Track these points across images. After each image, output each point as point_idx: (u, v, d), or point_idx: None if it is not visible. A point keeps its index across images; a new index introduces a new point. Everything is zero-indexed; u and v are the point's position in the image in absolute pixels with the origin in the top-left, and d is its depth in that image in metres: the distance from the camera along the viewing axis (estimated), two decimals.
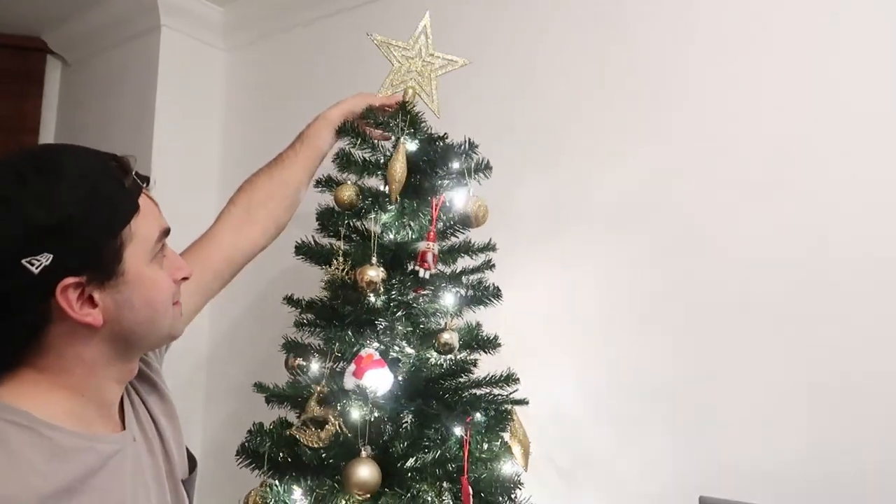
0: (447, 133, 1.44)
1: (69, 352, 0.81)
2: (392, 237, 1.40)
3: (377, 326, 1.36)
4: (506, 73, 1.88)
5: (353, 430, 1.27)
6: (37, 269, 0.74)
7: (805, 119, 1.45)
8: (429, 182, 1.39)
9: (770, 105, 1.49)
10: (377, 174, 1.38)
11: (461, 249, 1.47)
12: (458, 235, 1.47)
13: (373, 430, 1.26)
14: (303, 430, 1.31)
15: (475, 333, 1.43)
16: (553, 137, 1.78)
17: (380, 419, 1.30)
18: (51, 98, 2.75)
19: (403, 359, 1.35)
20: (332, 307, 1.38)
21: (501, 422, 1.36)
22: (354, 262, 1.33)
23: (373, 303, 1.33)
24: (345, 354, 1.33)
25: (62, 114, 2.75)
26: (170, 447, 0.95)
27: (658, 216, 1.61)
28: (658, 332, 1.58)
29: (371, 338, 1.34)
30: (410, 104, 1.38)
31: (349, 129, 1.35)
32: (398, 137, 1.34)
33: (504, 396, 1.39)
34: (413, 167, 1.35)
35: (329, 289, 1.40)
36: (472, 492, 1.28)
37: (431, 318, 1.37)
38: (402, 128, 1.34)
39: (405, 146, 1.33)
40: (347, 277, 1.33)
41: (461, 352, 1.38)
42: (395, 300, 1.35)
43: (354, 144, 1.36)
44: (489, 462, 1.33)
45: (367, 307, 1.34)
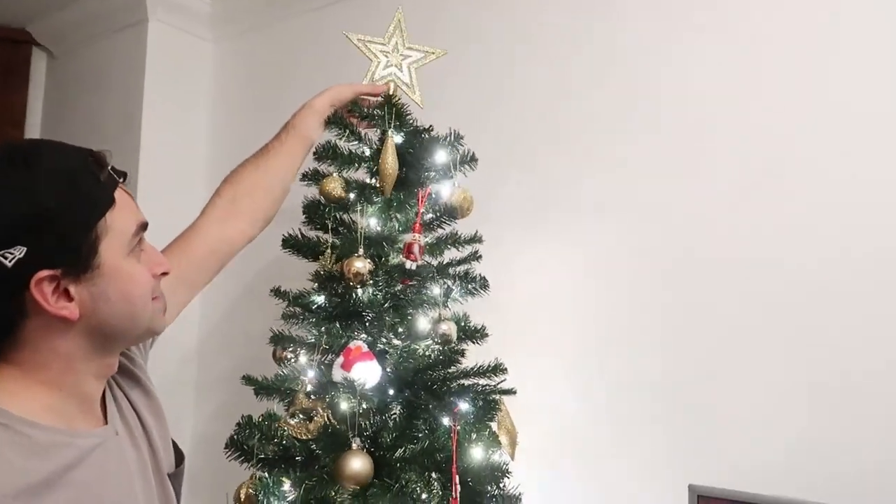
0: (432, 125, 1.44)
1: (45, 346, 0.80)
2: (378, 229, 1.40)
3: (365, 318, 1.37)
4: (488, 65, 1.88)
5: (342, 422, 1.28)
6: (10, 262, 0.73)
7: (804, 117, 1.44)
8: (415, 174, 1.39)
9: (765, 100, 1.49)
10: (363, 166, 1.39)
11: (448, 241, 1.48)
12: (445, 227, 1.47)
13: (361, 422, 1.27)
14: (292, 423, 1.32)
15: (463, 324, 1.43)
16: (539, 129, 1.78)
17: (368, 410, 1.31)
18: (37, 90, 2.73)
19: (391, 350, 1.36)
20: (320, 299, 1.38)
21: (489, 412, 1.37)
22: (341, 255, 1.34)
23: (360, 295, 1.34)
24: (333, 347, 1.34)
25: (48, 106, 2.73)
26: (155, 441, 0.95)
27: (645, 209, 1.61)
28: (646, 323, 1.59)
29: (359, 330, 1.35)
30: (395, 97, 1.38)
31: (337, 121, 1.35)
32: (385, 130, 1.34)
33: (492, 386, 1.41)
34: (399, 159, 1.35)
35: (317, 281, 1.40)
36: (461, 481, 1.29)
37: (419, 310, 1.37)
38: (389, 120, 1.34)
39: (393, 140, 1.33)
40: (335, 270, 1.34)
41: (440, 343, 1.39)
42: (383, 292, 1.35)
43: (341, 136, 1.36)
44: (477, 452, 1.34)
45: (355, 299, 1.34)
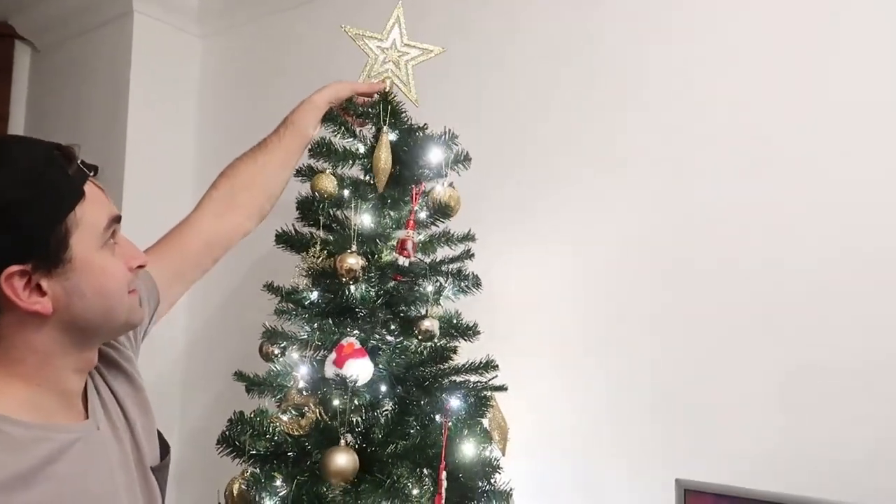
0: (426, 123, 1.44)
1: (20, 341, 0.80)
2: (372, 226, 1.41)
3: (357, 314, 1.37)
4: (479, 64, 1.89)
5: (334, 418, 1.28)
6: None
7: (802, 117, 1.46)
8: (409, 171, 1.39)
9: (762, 99, 1.50)
10: (358, 163, 1.39)
11: (441, 239, 1.48)
12: (438, 225, 1.48)
13: (353, 418, 1.27)
14: (283, 419, 1.32)
15: (455, 321, 1.44)
16: (527, 128, 1.79)
17: (360, 406, 1.31)
18: (20, 84, 2.69)
19: (384, 347, 1.36)
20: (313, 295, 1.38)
21: (481, 408, 1.38)
22: (334, 251, 1.33)
23: (353, 291, 1.34)
24: (325, 343, 1.34)
25: (32, 101, 2.70)
26: (138, 435, 0.94)
27: (636, 208, 1.63)
28: (634, 320, 1.61)
29: (351, 326, 1.35)
30: (391, 94, 1.38)
31: (332, 118, 1.35)
32: (379, 127, 1.34)
33: (483, 383, 1.41)
34: (393, 157, 1.35)
35: (309, 276, 1.40)
36: (452, 477, 1.30)
37: (411, 307, 1.38)
38: (384, 118, 1.34)
39: (387, 136, 1.33)
40: (327, 266, 1.34)
41: (441, 340, 1.40)
42: (376, 288, 1.36)
43: (337, 133, 1.36)
44: (468, 448, 1.35)
45: (347, 295, 1.34)
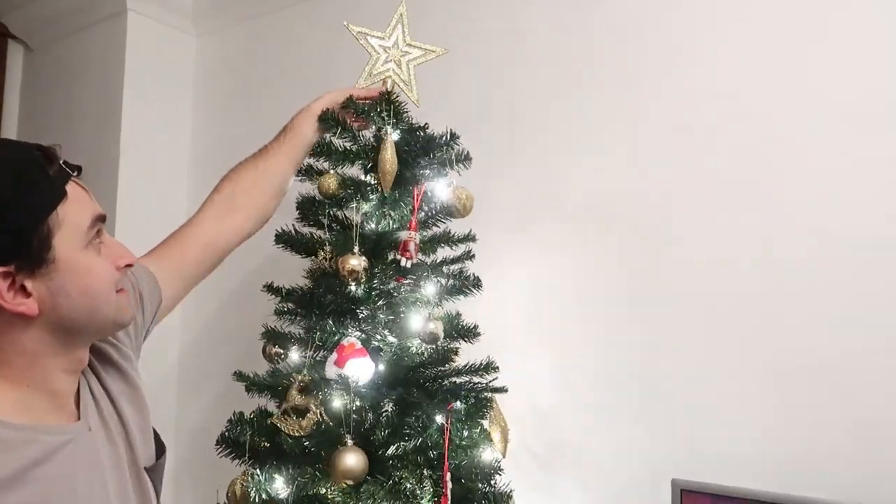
0: (427, 123, 1.44)
1: (7, 343, 0.80)
2: (373, 226, 1.40)
3: (358, 315, 1.37)
4: (480, 65, 1.89)
5: (335, 419, 1.28)
6: None
7: (791, 116, 1.47)
8: (410, 172, 1.39)
9: (756, 97, 1.51)
10: (358, 163, 1.38)
11: (441, 240, 1.48)
12: (439, 225, 1.48)
13: (354, 419, 1.27)
14: (284, 419, 1.31)
15: (455, 323, 1.44)
16: (528, 129, 1.80)
17: (361, 407, 1.30)
18: (13, 84, 2.67)
19: (385, 347, 1.36)
20: (314, 295, 1.38)
21: (481, 409, 1.37)
22: (336, 252, 1.33)
23: (354, 291, 1.34)
24: (326, 343, 1.33)
25: (25, 100, 2.67)
26: (133, 435, 0.94)
27: (633, 208, 1.63)
28: (632, 322, 1.61)
29: (353, 326, 1.35)
30: (393, 94, 1.38)
31: (330, 118, 1.35)
32: (382, 128, 1.34)
33: (484, 384, 1.41)
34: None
35: (311, 277, 1.39)
36: (453, 478, 1.30)
37: (413, 308, 1.38)
38: (386, 118, 1.34)
39: (391, 136, 1.33)
40: (329, 266, 1.33)
41: (442, 341, 1.39)
42: (377, 289, 1.35)
43: (335, 133, 1.36)
44: (469, 449, 1.34)
45: (349, 296, 1.34)
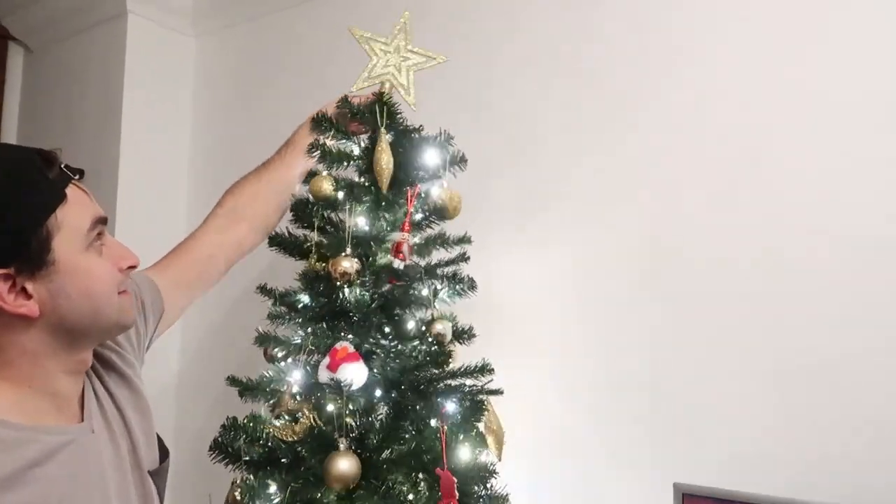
0: (422, 125, 1.43)
1: (8, 344, 0.81)
2: (367, 228, 1.39)
3: (351, 318, 1.36)
4: (479, 64, 1.87)
5: (328, 423, 1.27)
6: None
7: (790, 116, 1.45)
8: (404, 173, 1.38)
9: (756, 97, 1.49)
10: (352, 164, 1.38)
11: (436, 242, 1.47)
12: (434, 227, 1.47)
13: (348, 423, 1.26)
14: (277, 424, 1.30)
15: (452, 325, 1.43)
16: (524, 130, 1.78)
17: (355, 411, 1.29)
18: (13, 85, 2.67)
19: (378, 351, 1.35)
20: (307, 298, 1.37)
21: (476, 412, 1.36)
22: (328, 254, 1.32)
23: (347, 294, 1.33)
24: (319, 347, 1.32)
25: (25, 102, 2.68)
26: (136, 439, 0.94)
27: (633, 209, 1.62)
28: (632, 323, 1.60)
29: (345, 330, 1.34)
30: (387, 96, 1.37)
31: (323, 119, 1.34)
32: (376, 129, 1.33)
33: (479, 387, 1.40)
34: None
35: (303, 280, 1.38)
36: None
37: (407, 310, 1.37)
38: (381, 119, 1.33)
39: (386, 137, 1.33)
40: (321, 269, 1.32)
41: (435, 344, 1.38)
42: (370, 292, 1.34)
43: (329, 135, 1.35)
44: (464, 452, 1.33)
45: (342, 299, 1.33)
